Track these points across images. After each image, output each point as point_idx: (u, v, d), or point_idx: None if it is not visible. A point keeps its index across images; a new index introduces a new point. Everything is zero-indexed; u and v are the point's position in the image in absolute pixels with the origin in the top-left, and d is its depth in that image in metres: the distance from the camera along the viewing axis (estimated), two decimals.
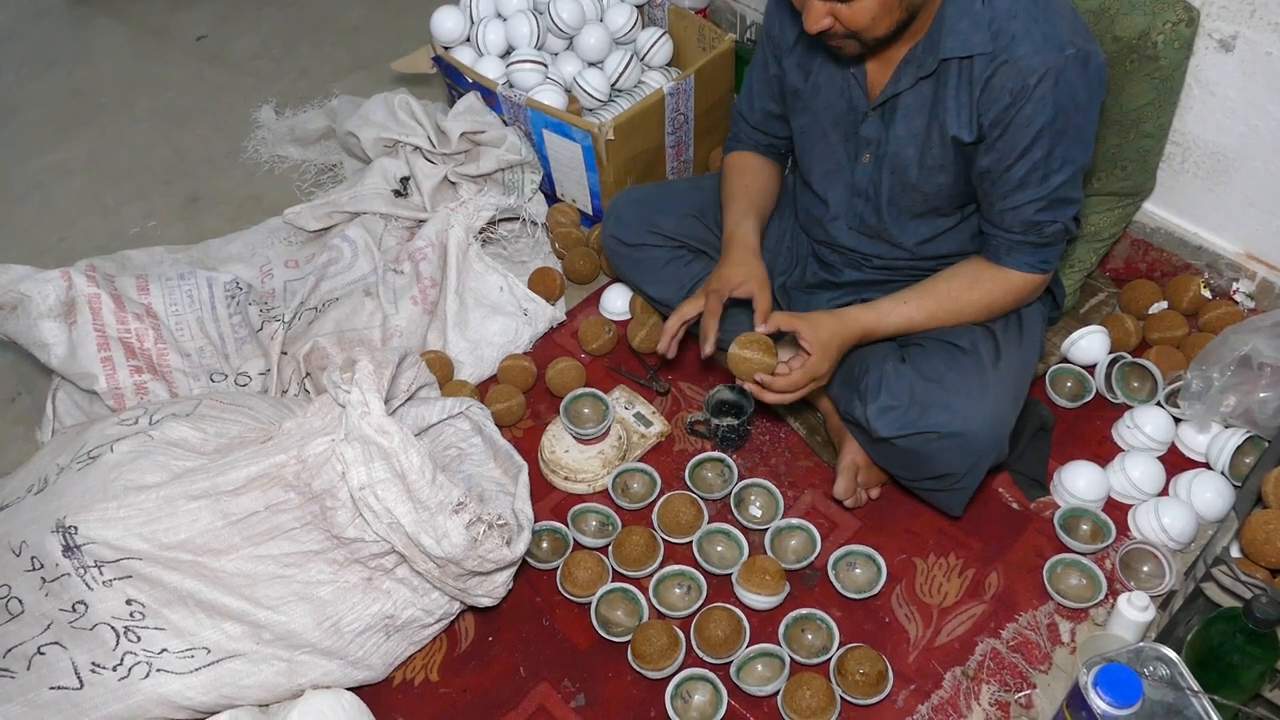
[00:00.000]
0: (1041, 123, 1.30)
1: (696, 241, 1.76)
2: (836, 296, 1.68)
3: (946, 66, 1.35)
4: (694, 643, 1.46)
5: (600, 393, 1.74)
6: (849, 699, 1.39)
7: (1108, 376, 1.74)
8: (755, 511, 1.64)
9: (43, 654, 1.31)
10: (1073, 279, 1.82)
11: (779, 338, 1.50)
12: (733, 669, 1.43)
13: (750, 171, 1.69)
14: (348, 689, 1.42)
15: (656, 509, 1.63)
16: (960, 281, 1.47)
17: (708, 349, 1.51)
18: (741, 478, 1.68)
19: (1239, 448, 1.57)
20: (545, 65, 2.13)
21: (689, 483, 1.67)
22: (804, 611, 1.49)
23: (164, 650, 1.32)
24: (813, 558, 1.56)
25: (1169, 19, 1.57)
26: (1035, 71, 1.28)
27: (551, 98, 2.05)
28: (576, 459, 1.70)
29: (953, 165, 1.42)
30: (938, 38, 1.33)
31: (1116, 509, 1.60)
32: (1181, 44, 1.60)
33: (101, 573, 1.29)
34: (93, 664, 1.30)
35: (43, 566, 1.31)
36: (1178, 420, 1.68)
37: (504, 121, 2.10)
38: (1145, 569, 1.52)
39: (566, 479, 1.70)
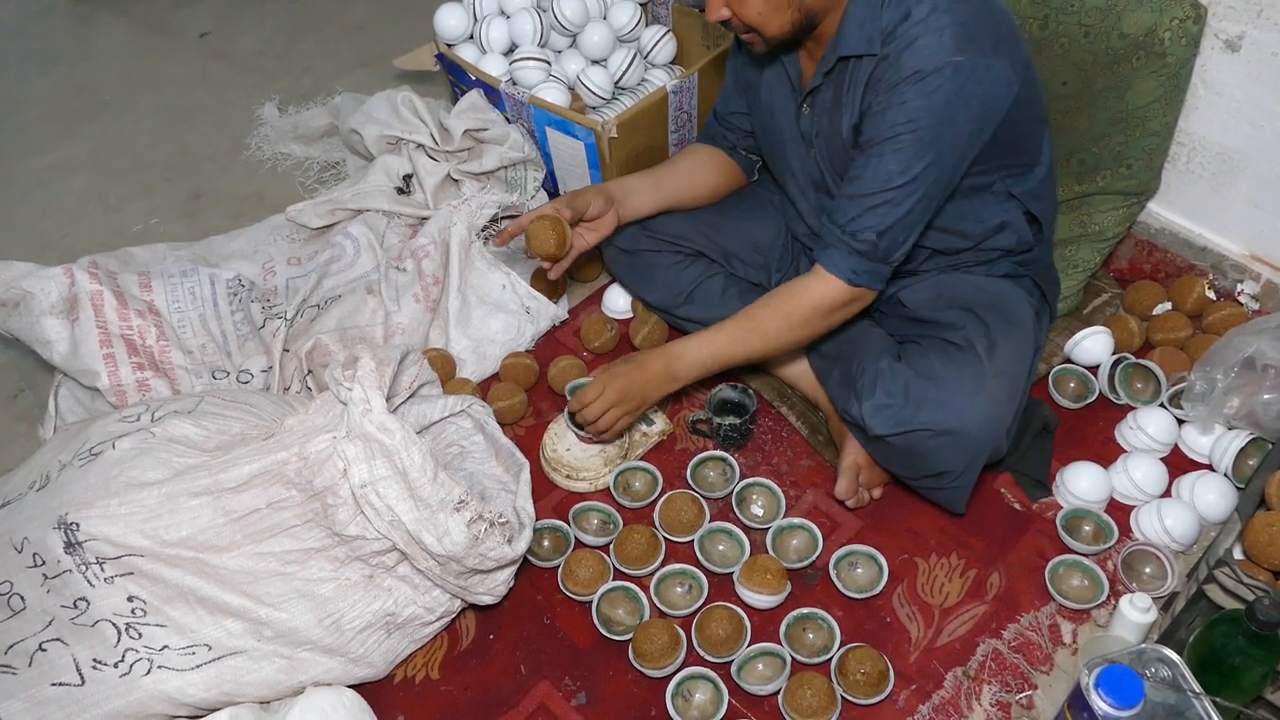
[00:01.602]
0: (893, 119, 1.32)
1: (693, 244, 1.76)
2: None
3: (844, 65, 1.40)
4: (695, 641, 1.46)
5: None
6: (850, 698, 1.39)
7: (1111, 377, 1.73)
8: (757, 510, 1.64)
9: (44, 650, 1.31)
10: (1076, 279, 1.82)
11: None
12: (734, 668, 1.43)
13: (688, 154, 1.77)
14: (349, 686, 1.42)
15: (658, 508, 1.63)
16: (767, 305, 1.49)
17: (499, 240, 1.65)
18: (743, 477, 1.68)
19: (1242, 449, 1.57)
20: (548, 63, 2.13)
21: (690, 481, 1.67)
22: (805, 611, 1.48)
23: (165, 647, 1.32)
24: (814, 557, 1.55)
25: (1176, 15, 1.57)
26: (909, 68, 1.30)
27: (554, 95, 2.05)
28: (578, 457, 1.70)
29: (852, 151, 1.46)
30: (838, 37, 1.38)
31: (1119, 510, 1.60)
32: (1189, 41, 1.59)
33: (103, 569, 1.30)
34: (94, 660, 1.30)
35: (44, 563, 1.31)
36: (1181, 422, 1.67)
37: (507, 119, 2.10)
38: (1147, 570, 1.52)
39: (568, 477, 1.70)
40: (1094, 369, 1.78)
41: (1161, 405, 1.70)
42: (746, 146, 1.76)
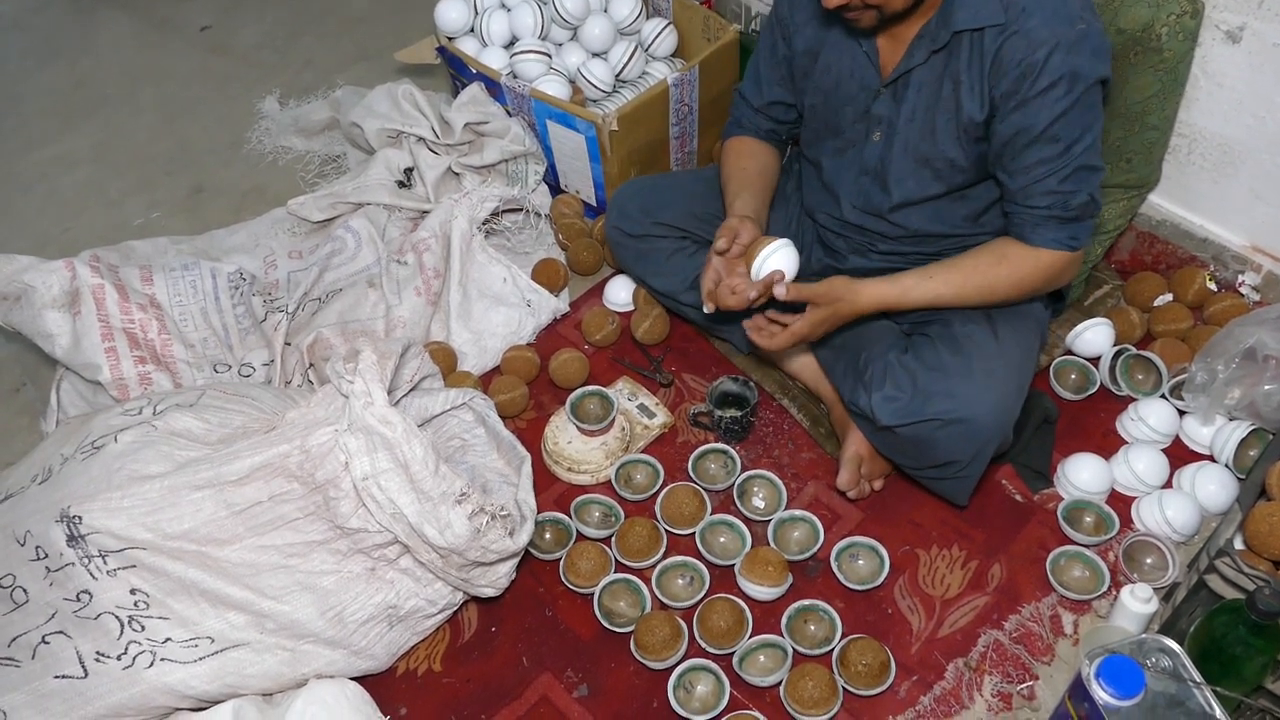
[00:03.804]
0: (1057, 94, 1.30)
1: (700, 233, 1.76)
2: None
3: (959, 40, 1.35)
4: (696, 633, 1.46)
5: (606, 390, 1.74)
6: (851, 690, 1.39)
7: (1112, 369, 1.73)
8: (758, 503, 1.64)
9: (47, 643, 1.32)
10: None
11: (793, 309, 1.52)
12: (735, 660, 1.43)
13: (747, 154, 1.69)
14: (351, 678, 1.43)
15: (659, 500, 1.63)
16: (987, 257, 1.45)
17: (708, 306, 1.54)
18: (744, 469, 1.68)
19: (1243, 440, 1.57)
20: (549, 56, 2.13)
21: (692, 474, 1.68)
22: (806, 602, 1.49)
23: (168, 640, 1.32)
24: (815, 549, 1.56)
25: (1173, 11, 1.57)
26: (1045, 44, 1.28)
27: (555, 88, 2.05)
28: (580, 450, 1.70)
29: (966, 139, 1.42)
30: (950, 10, 1.33)
31: (1120, 501, 1.60)
32: (1185, 36, 1.59)
33: (105, 562, 1.30)
34: (97, 653, 1.31)
35: (47, 556, 1.31)
36: (1182, 413, 1.67)
37: (508, 112, 2.10)
38: (1148, 561, 1.52)
39: (569, 470, 1.70)
40: (1095, 360, 1.78)
41: (1162, 396, 1.70)
42: (786, 133, 1.73)
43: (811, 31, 1.51)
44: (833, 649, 1.43)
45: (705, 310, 1.55)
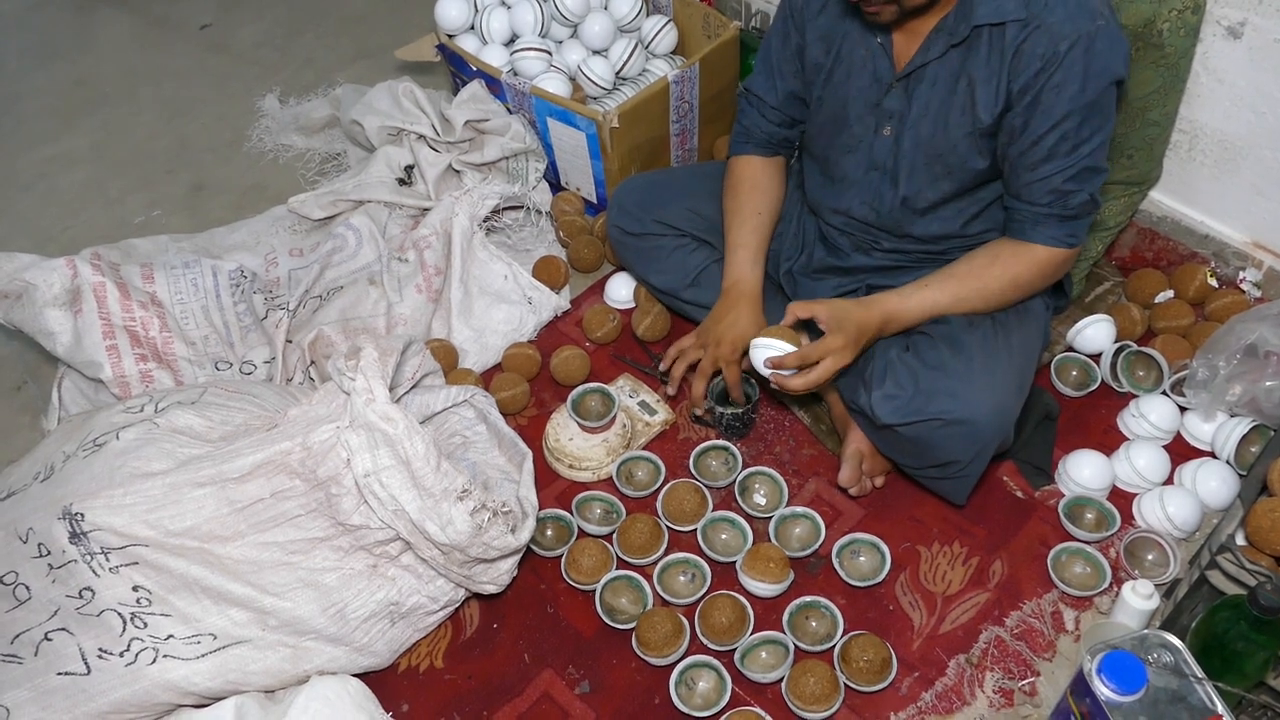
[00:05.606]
0: (1072, 91, 1.31)
1: (701, 231, 1.76)
2: (842, 283, 1.67)
3: (978, 34, 1.35)
4: (698, 630, 1.46)
5: (607, 388, 1.74)
6: (853, 686, 1.39)
7: (1113, 365, 1.73)
8: (759, 499, 1.65)
9: (50, 640, 1.32)
10: (1079, 268, 1.82)
11: (800, 327, 1.53)
12: (737, 656, 1.43)
13: (760, 188, 1.68)
14: (353, 675, 1.43)
15: (661, 497, 1.63)
16: (981, 259, 1.47)
17: (699, 410, 1.70)
18: (746, 466, 1.68)
19: (1244, 436, 1.57)
20: (549, 53, 2.13)
21: (693, 471, 1.68)
22: (808, 599, 1.49)
23: (170, 636, 1.32)
24: (817, 545, 1.56)
25: (1175, 6, 1.57)
26: (1067, 38, 1.28)
27: (556, 86, 2.05)
28: (581, 447, 1.70)
29: (978, 134, 1.42)
30: (970, 4, 1.33)
31: (1121, 497, 1.60)
32: (1187, 32, 1.59)
33: (108, 559, 1.30)
34: (100, 650, 1.31)
35: (50, 553, 1.31)
36: (1183, 409, 1.68)
37: (508, 109, 2.10)
38: (1150, 557, 1.52)
39: (571, 467, 1.70)
40: (1096, 357, 1.78)
41: (1164, 393, 1.70)
42: (797, 139, 1.70)
43: (825, 21, 1.51)
44: (834, 645, 1.43)
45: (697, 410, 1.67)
